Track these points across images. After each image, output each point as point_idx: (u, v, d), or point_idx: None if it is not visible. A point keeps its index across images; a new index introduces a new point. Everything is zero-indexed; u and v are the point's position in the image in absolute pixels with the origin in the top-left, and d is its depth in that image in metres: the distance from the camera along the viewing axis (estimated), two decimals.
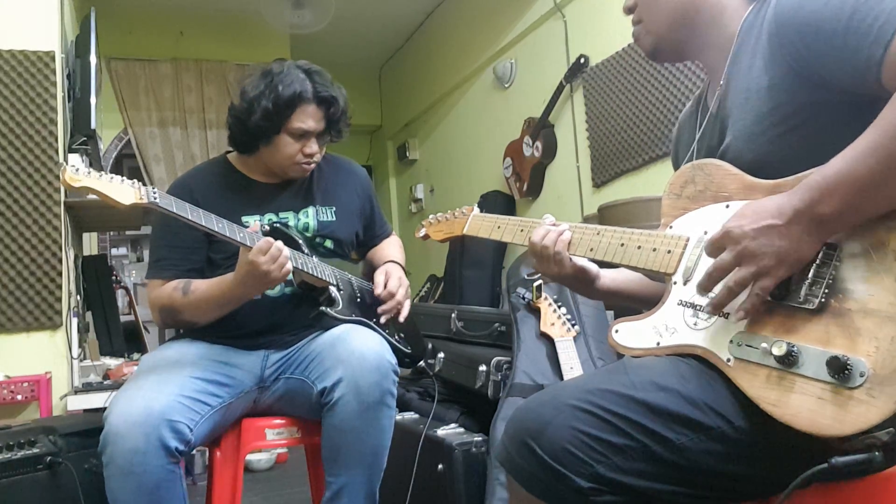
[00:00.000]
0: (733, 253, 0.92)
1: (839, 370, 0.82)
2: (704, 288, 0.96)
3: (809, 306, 0.88)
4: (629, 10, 1.20)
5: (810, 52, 0.94)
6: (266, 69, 1.72)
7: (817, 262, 0.89)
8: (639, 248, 1.10)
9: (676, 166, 1.25)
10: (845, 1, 0.90)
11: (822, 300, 0.88)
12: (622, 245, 1.12)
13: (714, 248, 0.95)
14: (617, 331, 1.09)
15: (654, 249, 1.08)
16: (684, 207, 1.08)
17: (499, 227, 1.36)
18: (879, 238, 0.86)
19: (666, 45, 1.17)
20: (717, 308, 0.95)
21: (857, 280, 0.86)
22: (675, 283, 1.04)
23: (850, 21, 0.88)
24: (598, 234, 1.16)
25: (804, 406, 0.85)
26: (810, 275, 0.89)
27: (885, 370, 0.80)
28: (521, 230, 1.31)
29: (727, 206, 1.02)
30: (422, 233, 1.56)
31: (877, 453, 0.81)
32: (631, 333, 1.07)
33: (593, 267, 1.26)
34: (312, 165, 1.78)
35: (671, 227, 1.09)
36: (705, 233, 1.03)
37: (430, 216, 1.55)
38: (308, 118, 1.70)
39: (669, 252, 1.06)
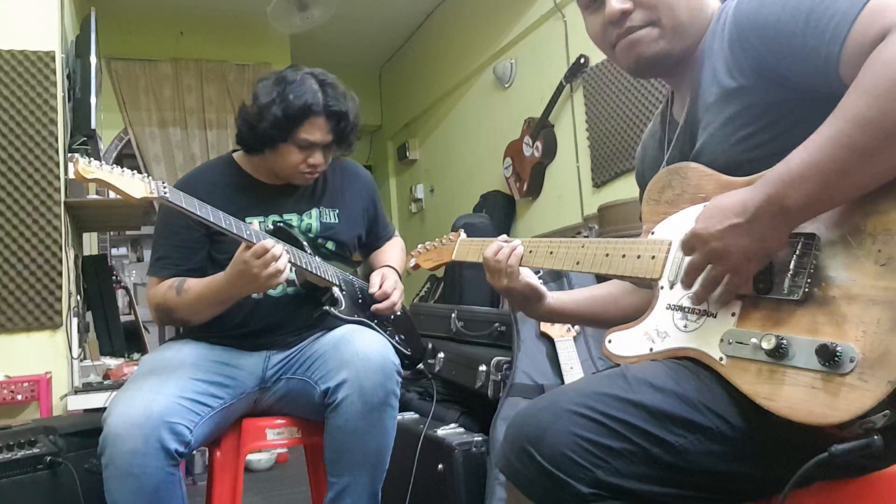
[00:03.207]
0: (702, 254, 0.95)
1: (829, 357, 0.82)
2: (686, 285, 0.99)
3: (794, 297, 0.89)
4: (624, 13, 1.06)
5: (771, 53, 0.96)
6: (280, 75, 1.70)
7: (797, 252, 0.90)
8: (623, 256, 1.10)
9: (642, 184, 1.25)
10: (802, 2, 0.92)
11: (806, 290, 0.88)
12: (607, 255, 1.13)
13: (686, 248, 0.98)
14: (610, 341, 1.09)
15: (639, 256, 1.08)
16: (664, 212, 1.09)
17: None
18: (855, 224, 0.87)
19: (675, 51, 1.09)
20: (699, 299, 0.98)
21: (838, 267, 0.87)
22: (661, 287, 1.05)
23: (808, 21, 0.90)
24: (583, 246, 1.17)
25: (798, 397, 0.85)
26: (792, 266, 0.90)
27: (874, 353, 0.81)
28: None
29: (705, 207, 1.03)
30: (412, 263, 1.57)
31: (875, 437, 0.81)
32: (623, 342, 1.08)
33: (542, 288, 1.30)
34: (316, 175, 1.77)
35: (653, 233, 1.10)
36: None
37: (419, 245, 1.56)
38: (316, 130, 1.68)
39: (653, 257, 1.06)
